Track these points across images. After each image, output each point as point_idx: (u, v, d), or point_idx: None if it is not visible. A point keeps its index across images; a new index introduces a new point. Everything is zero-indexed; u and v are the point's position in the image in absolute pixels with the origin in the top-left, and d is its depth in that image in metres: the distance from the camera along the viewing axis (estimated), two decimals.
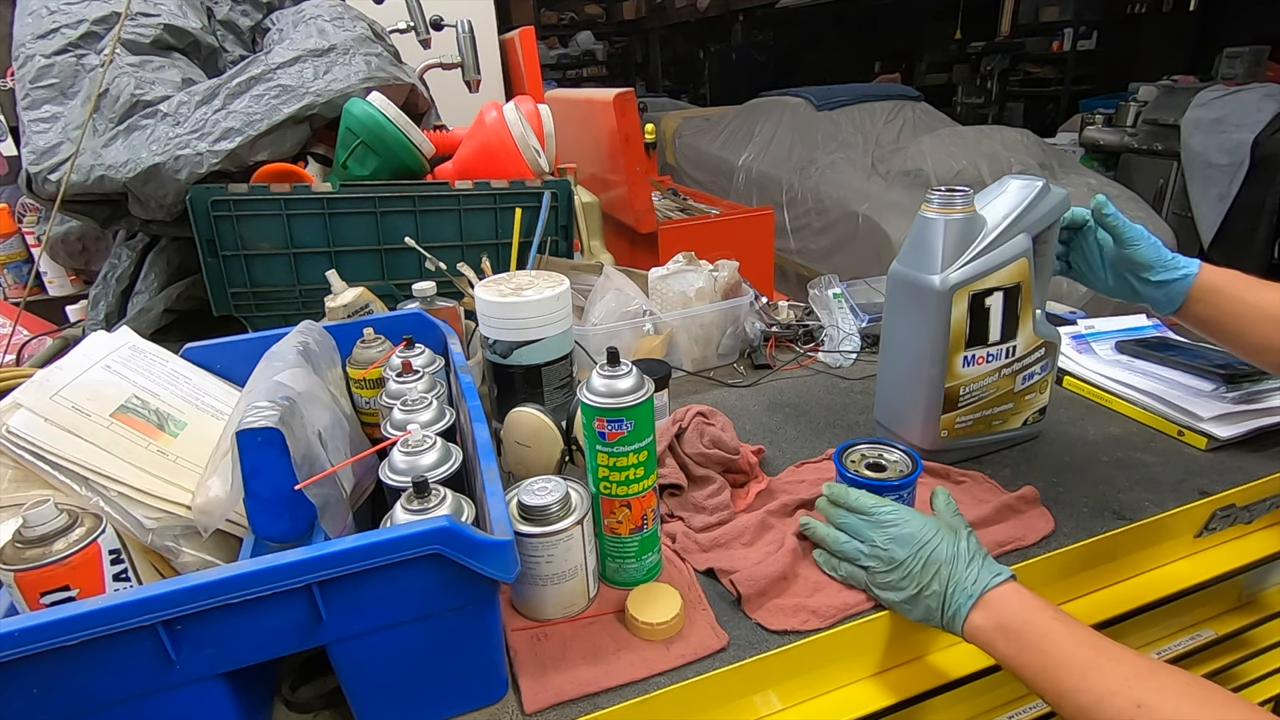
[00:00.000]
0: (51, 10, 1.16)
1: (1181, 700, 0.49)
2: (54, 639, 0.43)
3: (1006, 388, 0.86)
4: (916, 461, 0.73)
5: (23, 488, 0.60)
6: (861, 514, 0.67)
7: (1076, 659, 0.54)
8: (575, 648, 0.62)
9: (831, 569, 0.69)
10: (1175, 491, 0.81)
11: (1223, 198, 3.75)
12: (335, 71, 1.18)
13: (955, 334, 0.81)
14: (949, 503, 0.69)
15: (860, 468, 0.74)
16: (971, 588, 0.60)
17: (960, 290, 0.79)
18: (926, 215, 0.81)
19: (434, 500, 0.55)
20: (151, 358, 0.75)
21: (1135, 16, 5.67)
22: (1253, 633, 0.92)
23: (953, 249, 0.79)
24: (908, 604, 0.63)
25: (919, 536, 0.63)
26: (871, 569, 0.65)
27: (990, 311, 0.81)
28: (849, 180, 3.76)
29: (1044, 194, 0.81)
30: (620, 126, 2.00)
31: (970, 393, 0.85)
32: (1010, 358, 0.85)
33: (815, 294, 1.29)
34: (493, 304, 0.85)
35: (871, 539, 0.65)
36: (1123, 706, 0.50)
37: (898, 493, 0.70)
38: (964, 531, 0.64)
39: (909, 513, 0.66)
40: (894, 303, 0.88)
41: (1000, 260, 0.80)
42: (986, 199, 0.83)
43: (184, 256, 1.23)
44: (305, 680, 0.61)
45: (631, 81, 9.74)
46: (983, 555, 0.62)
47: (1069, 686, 0.53)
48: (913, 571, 0.62)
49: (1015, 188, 0.82)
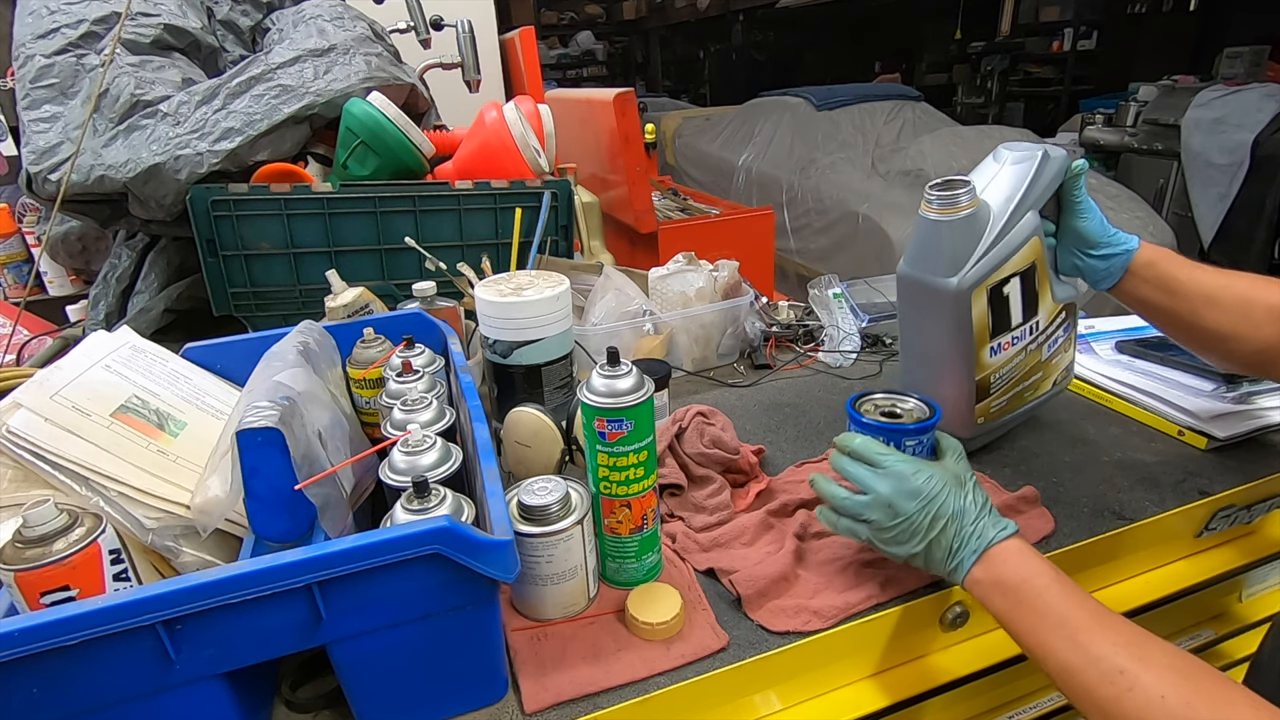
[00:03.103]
0: (51, 10, 1.16)
1: (1164, 672, 0.49)
2: (54, 639, 0.43)
3: (1034, 360, 0.85)
4: (934, 409, 0.69)
5: (23, 488, 0.60)
6: (868, 463, 0.65)
7: (1069, 621, 0.54)
8: (575, 648, 0.62)
9: (830, 524, 0.67)
10: (1175, 491, 0.81)
11: (1223, 198, 3.75)
12: (335, 71, 1.18)
13: (979, 330, 0.78)
14: (956, 450, 0.67)
15: (875, 415, 0.70)
16: (976, 542, 0.60)
17: (978, 288, 0.76)
18: (929, 217, 0.77)
19: (434, 500, 0.55)
20: (151, 357, 0.75)
21: (1135, 16, 5.67)
22: (1252, 633, 0.92)
23: (962, 249, 0.76)
24: (911, 556, 0.62)
25: (926, 490, 0.61)
26: (875, 522, 0.63)
27: (1010, 299, 0.79)
28: (849, 180, 3.76)
29: (1044, 164, 0.76)
30: (620, 126, 2.00)
31: (1001, 377, 0.83)
32: (1035, 333, 0.83)
33: (815, 294, 1.29)
34: (493, 304, 0.85)
35: (876, 490, 0.63)
36: (1105, 671, 0.50)
37: (916, 438, 0.67)
38: (970, 483, 0.64)
39: (916, 463, 0.63)
40: (908, 305, 0.85)
41: (1012, 247, 0.76)
42: (985, 177, 0.79)
43: (184, 256, 1.23)
44: (305, 680, 0.61)
45: (631, 81, 9.74)
46: (989, 509, 0.62)
47: (1056, 645, 0.54)
48: (919, 525, 0.61)
49: (1013, 164, 0.78)
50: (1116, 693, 0.49)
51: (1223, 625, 0.92)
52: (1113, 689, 0.50)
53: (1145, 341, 1.06)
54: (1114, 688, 0.50)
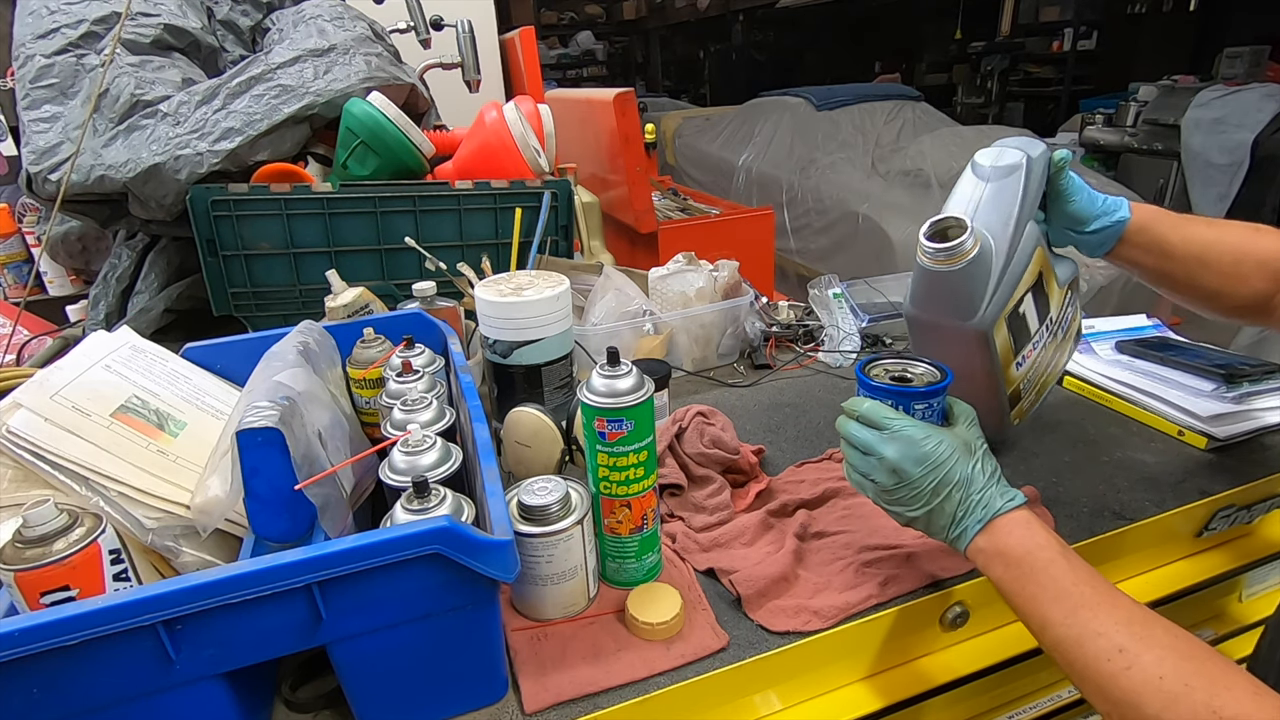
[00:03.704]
0: (51, 10, 1.16)
1: (1165, 652, 0.48)
2: (54, 639, 0.43)
3: (1054, 348, 0.84)
4: (946, 373, 0.66)
5: (23, 488, 0.60)
6: (875, 427, 0.63)
7: (1071, 595, 0.53)
8: (575, 648, 0.62)
9: (846, 473, 0.66)
10: (1175, 491, 0.81)
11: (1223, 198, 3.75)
12: (335, 71, 1.18)
13: (1003, 353, 0.76)
14: (968, 416, 0.65)
15: (884, 378, 0.67)
16: (981, 512, 0.59)
17: (998, 320, 0.73)
18: (930, 266, 0.71)
19: (434, 500, 0.55)
20: (151, 357, 0.75)
21: (1135, 16, 5.68)
22: (1252, 633, 0.92)
23: (973, 292, 0.71)
24: (912, 520, 0.62)
25: (933, 456, 0.60)
26: (880, 484, 0.62)
27: (1026, 315, 0.77)
28: (849, 180, 3.76)
29: (1030, 171, 0.71)
30: (620, 126, 2.00)
31: (1029, 381, 0.82)
32: (1051, 328, 0.81)
33: (815, 294, 1.29)
34: (493, 304, 0.85)
35: (883, 454, 0.61)
36: (1104, 648, 0.50)
37: (926, 401, 0.64)
38: (980, 450, 0.62)
39: (925, 428, 0.61)
40: (922, 339, 0.81)
41: (1021, 268, 0.72)
42: (970, 199, 0.74)
43: (184, 256, 1.23)
44: (305, 680, 0.61)
45: (631, 81, 9.74)
46: (997, 478, 0.61)
47: (1055, 619, 0.53)
48: (922, 491, 0.60)
49: (999, 180, 0.72)
50: (1114, 670, 0.49)
51: (1222, 625, 0.92)
52: (1110, 666, 0.49)
53: (1145, 341, 1.06)
54: (1112, 665, 0.49)
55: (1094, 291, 2.81)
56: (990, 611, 0.71)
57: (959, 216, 0.70)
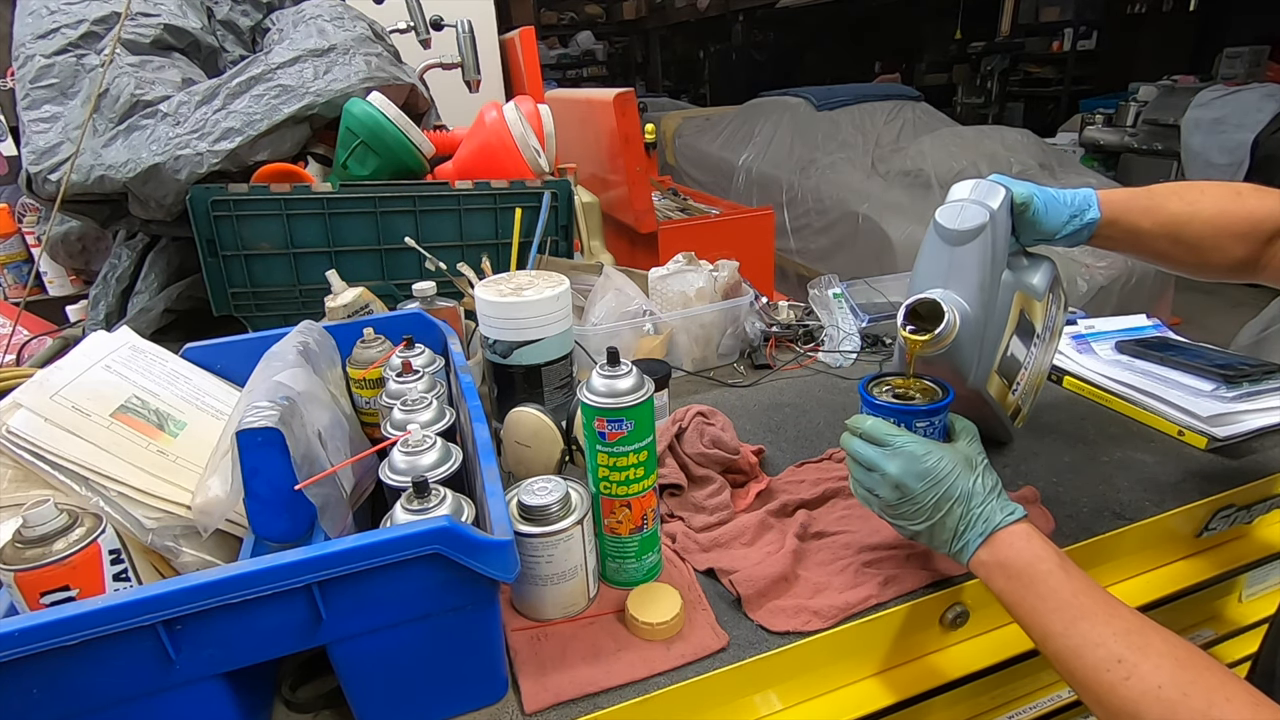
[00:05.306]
0: (51, 10, 1.16)
1: (1163, 660, 0.49)
2: (54, 639, 0.43)
3: (1043, 352, 0.86)
4: (947, 390, 0.68)
5: (23, 488, 0.60)
6: (878, 444, 0.64)
7: (1071, 607, 0.54)
8: (575, 648, 0.62)
9: (852, 486, 0.68)
10: (1175, 491, 0.81)
11: None
12: (335, 71, 1.18)
13: (999, 395, 0.79)
14: (969, 433, 0.66)
15: (887, 397, 0.69)
16: (982, 525, 0.60)
17: (989, 374, 0.75)
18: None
19: (434, 500, 0.55)
20: (151, 358, 0.75)
21: (1135, 16, 5.68)
22: (1252, 633, 0.92)
23: (962, 364, 0.72)
24: (915, 534, 0.63)
25: (935, 472, 0.61)
26: (884, 499, 0.63)
27: (1014, 353, 0.78)
28: (849, 180, 3.76)
29: (995, 225, 0.70)
30: (620, 126, 2.00)
31: (1025, 396, 0.85)
32: (1039, 344, 0.83)
33: (815, 294, 1.29)
34: (493, 304, 0.85)
35: (886, 470, 0.62)
36: (1103, 658, 0.51)
37: (928, 419, 0.66)
38: (981, 466, 0.63)
39: (926, 444, 0.62)
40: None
41: (1000, 323, 0.73)
42: (939, 268, 0.72)
43: (184, 256, 1.23)
44: (305, 680, 0.61)
45: (631, 81, 9.74)
46: (998, 492, 0.62)
47: (1056, 630, 0.54)
48: (925, 505, 0.61)
49: (964, 245, 0.71)
50: (1113, 680, 0.50)
51: (1222, 625, 0.92)
52: (1110, 676, 0.50)
53: (1145, 341, 1.06)
54: (1111, 675, 0.50)
55: (1094, 291, 2.81)
56: (990, 612, 0.71)
57: (933, 299, 0.69)
